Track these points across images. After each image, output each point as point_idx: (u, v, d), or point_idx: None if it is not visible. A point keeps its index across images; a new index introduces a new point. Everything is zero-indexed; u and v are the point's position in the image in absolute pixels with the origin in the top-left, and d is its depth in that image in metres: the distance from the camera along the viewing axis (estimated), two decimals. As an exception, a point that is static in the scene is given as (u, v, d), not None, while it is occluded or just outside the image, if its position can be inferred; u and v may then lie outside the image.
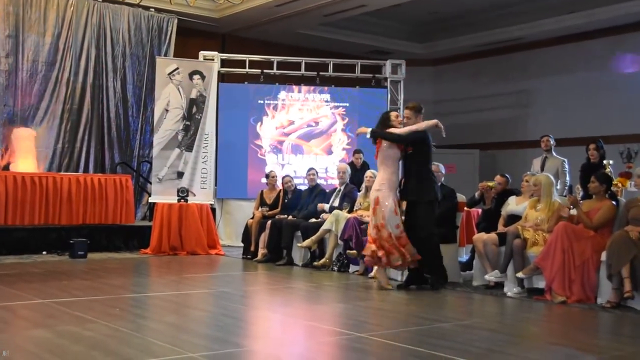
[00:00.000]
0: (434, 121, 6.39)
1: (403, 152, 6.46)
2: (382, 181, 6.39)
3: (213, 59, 10.95)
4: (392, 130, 6.44)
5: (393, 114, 6.68)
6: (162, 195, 9.82)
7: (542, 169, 8.42)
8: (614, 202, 6.17)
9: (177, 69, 10.21)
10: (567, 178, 8.47)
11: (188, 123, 10.20)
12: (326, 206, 8.55)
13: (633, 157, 8.23)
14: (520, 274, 6.16)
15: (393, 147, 6.40)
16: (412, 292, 6.44)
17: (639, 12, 10.85)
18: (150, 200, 10.32)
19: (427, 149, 6.48)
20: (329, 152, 11.42)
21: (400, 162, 6.57)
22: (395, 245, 6.31)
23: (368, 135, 6.49)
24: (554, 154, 8.70)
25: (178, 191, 9.66)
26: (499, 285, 6.49)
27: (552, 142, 8.70)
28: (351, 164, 9.70)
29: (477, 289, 6.65)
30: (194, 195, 9.92)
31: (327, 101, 11.40)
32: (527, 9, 11.88)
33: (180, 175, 10.06)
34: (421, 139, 6.40)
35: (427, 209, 6.44)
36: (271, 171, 9.77)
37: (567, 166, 8.58)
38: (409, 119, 6.51)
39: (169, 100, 10.12)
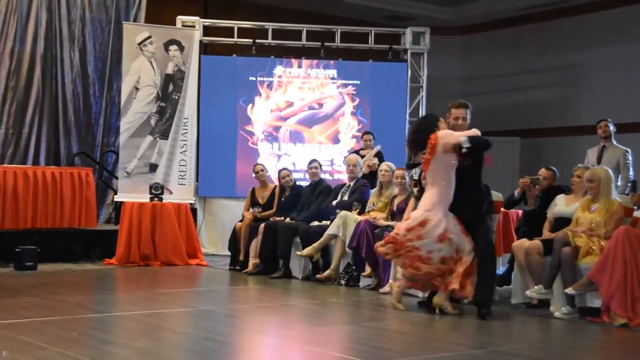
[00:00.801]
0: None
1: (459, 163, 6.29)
2: (435, 199, 6.26)
3: (193, 26, 10.93)
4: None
5: (442, 123, 6.44)
6: (130, 193, 9.83)
7: (599, 161, 8.39)
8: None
9: (150, 37, 10.20)
10: (631, 172, 8.44)
11: (163, 104, 10.20)
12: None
13: None
14: (570, 290, 6.14)
15: (448, 153, 6.22)
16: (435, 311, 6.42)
17: None
18: (117, 198, 10.32)
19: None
20: (336, 141, 11.40)
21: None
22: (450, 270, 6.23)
23: (465, 146, 6.11)
24: (614, 142, 8.66)
25: (151, 188, 9.66)
26: (544, 304, 6.50)
27: (611, 128, 8.66)
28: (358, 152, 9.70)
29: (516, 307, 6.64)
30: (171, 192, 9.93)
31: (333, 78, 11.38)
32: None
33: (153, 168, 10.08)
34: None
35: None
36: (257, 164, 9.77)
37: (630, 158, 8.54)
38: (464, 120, 6.41)
39: (139, 76, 10.12)
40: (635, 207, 6.62)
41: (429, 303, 6.45)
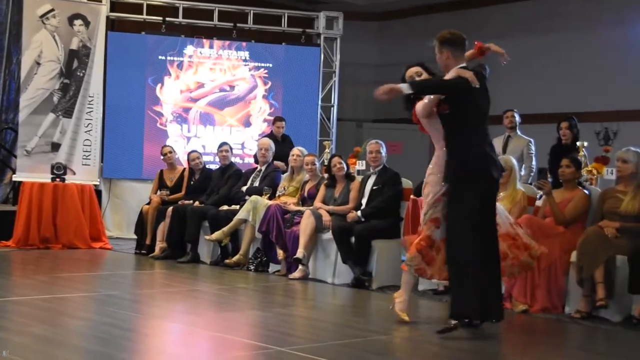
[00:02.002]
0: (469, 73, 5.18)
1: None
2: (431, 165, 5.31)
3: (100, 1, 10.69)
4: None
5: (412, 70, 5.49)
6: (30, 173, 9.64)
7: (504, 151, 8.63)
8: (586, 192, 6.38)
9: (52, 10, 9.95)
10: (534, 162, 8.72)
11: (67, 81, 9.99)
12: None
13: (611, 139, 8.55)
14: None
15: (433, 109, 5.22)
16: (348, 298, 6.49)
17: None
18: (15, 178, 10.12)
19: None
20: (247, 124, 11.41)
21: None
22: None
23: (407, 90, 5.01)
24: (519, 132, 8.92)
25: (52, 168, 9.50)
26: (448, 290, 6.62)
27: (517, 118, 8.91)
28: (270, 135, 9.73)
29: (424, 294, 6.76)
30: (74, 173, 9.78)
31: (245, 60, 11.38)
32: None
33: (55, 147, 9.87)
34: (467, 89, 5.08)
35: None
36: (165, 146, 9.70)
37: (533, 148, 8.82)
38: (448, 58, 5.24)
39: (41, 51, 9.87)
40: (538, 196, 6.83)
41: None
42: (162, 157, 9.51)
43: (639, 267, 5.59)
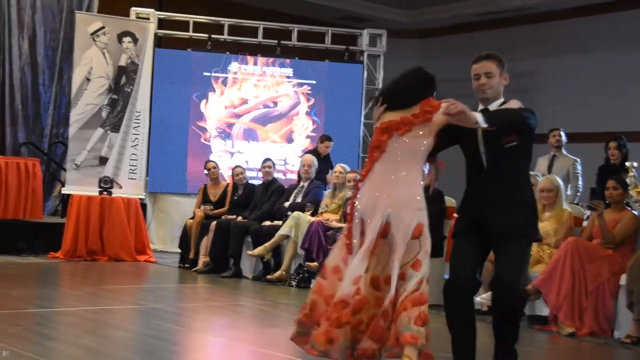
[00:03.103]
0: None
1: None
2: (418, 194, 4.16)
3: (148, 18, 10.86)
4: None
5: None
6: (79, 186, 9.73)
7: (550, 170, 8.57)
8: (635, 213, 6.28)
9: (103, 28, 10.09)
10: (580, 182, 8.63)
11: (115, 97, 10.11)
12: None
13: (662, 159, 8.39)
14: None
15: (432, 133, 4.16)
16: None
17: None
18: (64, 191, 10.22)
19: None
20: (290, 140, 11.42)
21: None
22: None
23: (482, 124, 3.91)
24: (564, 152, 8.83)
25: (100, 181, 9.58)
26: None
27: (563, 137, 8.83)
28: (314, 152, 9.73)
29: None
30: (120, 187, 9.85)
31: (289, 77, 11.40)
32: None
33: (103, 161, 9.98)
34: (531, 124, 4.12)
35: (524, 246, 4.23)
36: (209, 161, 9.73)
37: (579, 167, 8.74)
38: (490, 77, 4.18)
39: (91, 67, 10.02)
40: (584, 217, 6.74)
41: None
42: (205, 172, 9.56)
43: (689, 291, 5.48)
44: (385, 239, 4.05)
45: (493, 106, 4.16)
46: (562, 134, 8.88)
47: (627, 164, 7.76)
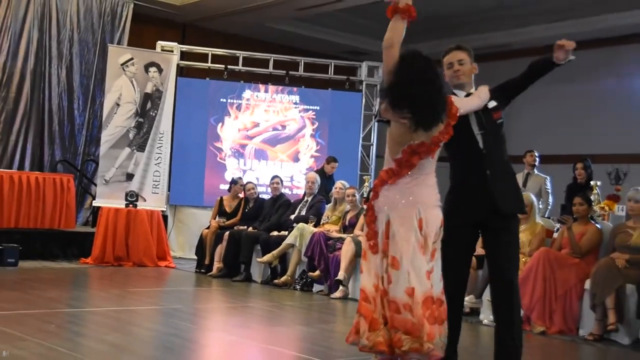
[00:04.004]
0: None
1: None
2: (435, 193, 3.70)
3: (172, 51, 10.90)
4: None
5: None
6: (108, 199, 9.73)
7: (524, 187, 8.57)
8: (598, 227, 6.32)
9: (132, 59, 10.14)
10: (550, 198, 8.64)
11: (141, 120, 10.13)
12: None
13: (622, 179, 8.44)
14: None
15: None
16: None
17: (635, 24, 11.08)
18: (95, 203, 10.21)
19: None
20: (296, 159, 11.43)
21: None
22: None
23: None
24: (536, 171, 8.87)
25: (126, 195, 9.58)
26: (474, 312, 6.57)
27: (537, 157, 8.88)
28: (321, 171, 9.75)
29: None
30: (144, 200, 9.85)
31: (296, 103, 11.43)
32: (514, 14, 12.08)
33: (129, 177, 9.99)
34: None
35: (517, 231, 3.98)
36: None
37: (549, 184, 8.75)
38: (462, 64, 3.96)
39: (120, 94, 10.05)
40: (555, 229, 6.77)
41: None
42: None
43: (646, 296, 5.51)
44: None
45: (463, 94, 3.88)
46: (536, 154, 8.92)
47: (592, 182, 7.79)
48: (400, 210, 3.55)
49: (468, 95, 3.92)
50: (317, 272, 7.72)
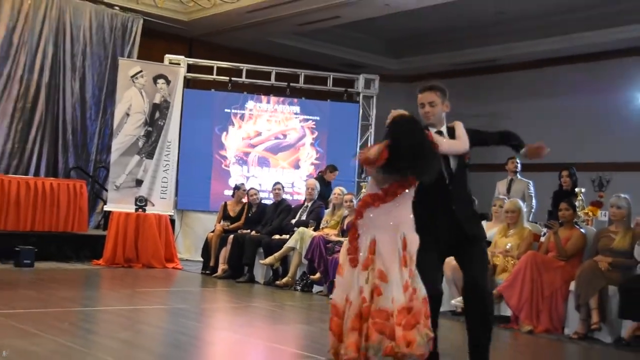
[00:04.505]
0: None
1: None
2: (411, 215, 3.83)
3: (179, 64, 10.92)
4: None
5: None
6: (118, 204, 9.73)
7: (509, 192, 8.58)
8: (583, 231, 6.33)
9: (141, 71, 10.16)
10: (534, 201, 8.64)
11: (150, 129, 10.15)
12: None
13: (605, 186, 8.45)
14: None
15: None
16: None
17: (616, 40, 11.13)
18: (106, 208, 10.21)
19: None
20: (296, 167, 11.44)
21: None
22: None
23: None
24: (519, 176, 8.88)
25: (136, 200, 9.59)
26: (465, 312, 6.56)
27: (518, 163, 8.91)
28: (321, 178, 9.76)
29: (443, 314, 6.68)
30: (153, 205, 9.83)
31: (296, 113, 11.45)
32: (501, 30, 12.13)
33: (139, 183, 9.99)
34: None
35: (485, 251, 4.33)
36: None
37: (532, 189, 8.75)
38: (433, 105, 4.08)
39: (130, 104, 10.05)
40: (542, 233, 6.78)
41: None
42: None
43: (627, 296, 5.51)
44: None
45: (434, 130, 4.00)
46: (518, 161, 8.95)
47: (576, 189, 7.81)
48: (387, 231, 3.74)
49: (439, 132, 4.04)
50: (317, 275, 7.71)
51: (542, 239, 6.64)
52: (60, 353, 4.07)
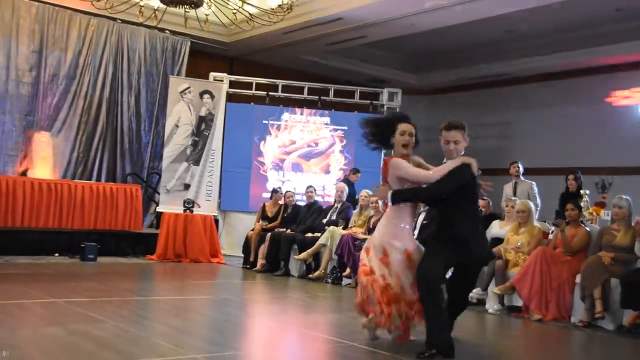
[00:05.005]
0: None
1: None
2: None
3: (222, 80, 11.01)
4: (416, 175, 4.25)
5: (402, 128, 4.37)
6: (169, 205, 9.84)
7: (515, 193, 8.52)
8: (587, 229, 6.28)
9: (189, 88, 10.28)
10: (538, 200, 8.57)
11: (196, 139, 10.26)
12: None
13: (607, 188, 8.34)
14: (496, 290, 6.26)
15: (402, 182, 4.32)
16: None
17: (616, 55, 11.02)
18: (158, 209, 10.31)
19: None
20: (327, 172, 11.45)
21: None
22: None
23: (389, 202, 4.24)
24: (522, 178, 8.82)
25: (184, 202, 9.68)
26: (481, 302, 6.55)
27: (520, 167, 8.86)
28: (346, 180, 9.78)
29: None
30: (199, 206, 9.91)
31: (327, 124, 11.45)
32: (512, 47, 12.05)
33: (187, 187, 10.09)
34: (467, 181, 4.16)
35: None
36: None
37: (535, 189, 8.68)
38: (457, 143, 4.21)
39: (179, 117, 10.18)
40: (550, 231, 6.74)
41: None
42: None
43: (628, 288, 5.46)
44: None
45: (451, 162, 4.18)
46: (520, 165, 8.89)
47: (581, 191, 7.73)
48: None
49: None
50: (347, 271, 7.70)
51: (550, 236, 6.59)
52: (121, 337, 4.15)
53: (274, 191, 9.67)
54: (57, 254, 8.71)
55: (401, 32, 10.95)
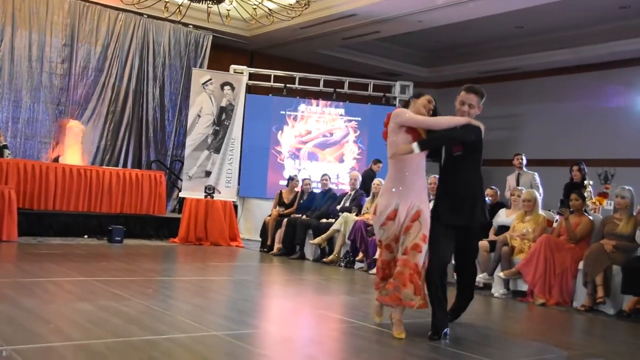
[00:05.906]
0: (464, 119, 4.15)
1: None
2: (423, 190, 4.17)
3: (242, 73, 11.03)
4: (424, 120, 4.16)
5: (424, 100, 4.33)
6: (191, 191, 9.89)
7: (518, 184, 8.48)
8: (590, 218, 6.24)
9: (210, 79, 10.30)
10: (541, 190, 8.54)
11: (217, 128, 10.28)
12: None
13: (610, 179, 8.27)
14: (501, 274, 6.26)
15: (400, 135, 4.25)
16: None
17: (620, 51, 10.92)
18: (181, 195, 10.37)
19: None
20: (341, 161, 11.46)
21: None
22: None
23: (417, 150, 4.07)
24: (525, 169, 8.77)
25: (205, 188, 9.72)
26: (487, 287, 6.55)
27: (523, 159, 8.80)
28: (370, 170, 9.74)
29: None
30: (219, 192, 9.95)
31: (341, 115, 11.44)
32: (521, 43, 11.93)
33: (208, 174, 10.14)
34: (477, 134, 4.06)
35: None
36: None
37: (537, 179, 8.63)
38: (471, 107, 4.19)
39: (201, 107, 10.21)
40: (555, 219, 6.71)
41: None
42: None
43: (629, 274, 5.44)
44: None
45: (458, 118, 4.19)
46: (523, 157, 8.83)
47: (585, 182, 7.68)
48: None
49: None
50: (360, 255, 7.70)
51: (555, 224, 6.57)
52: (146, 313, 4.20)
53: (290, 179, 9.70)
54: (86, 236, 8.81)
55: (410, 27, 10.89)
